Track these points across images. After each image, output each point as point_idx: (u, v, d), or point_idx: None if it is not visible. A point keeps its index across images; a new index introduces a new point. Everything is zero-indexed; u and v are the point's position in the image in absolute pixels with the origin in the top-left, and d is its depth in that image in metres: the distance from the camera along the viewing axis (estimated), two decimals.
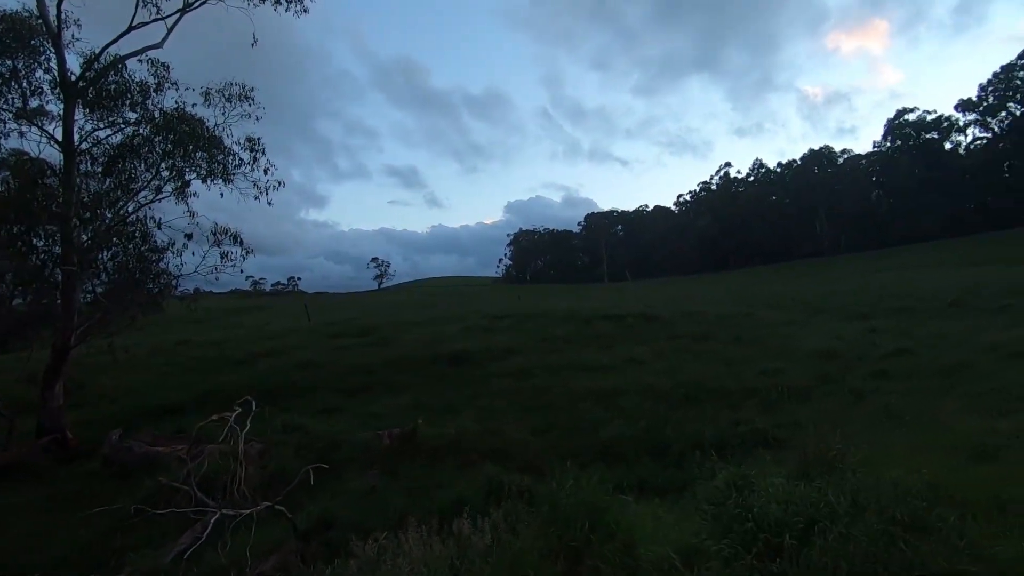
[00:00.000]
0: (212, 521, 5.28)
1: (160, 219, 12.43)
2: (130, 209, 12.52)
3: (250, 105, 12.88)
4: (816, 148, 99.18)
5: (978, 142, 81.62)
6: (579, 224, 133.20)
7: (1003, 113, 77.79)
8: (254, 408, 6.83)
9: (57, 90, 12.03)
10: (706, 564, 3.23)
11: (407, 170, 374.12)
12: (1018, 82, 75.84)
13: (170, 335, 23.46)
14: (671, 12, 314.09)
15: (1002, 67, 77.88)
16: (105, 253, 12.53)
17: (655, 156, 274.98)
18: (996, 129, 78.97)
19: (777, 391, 10.30)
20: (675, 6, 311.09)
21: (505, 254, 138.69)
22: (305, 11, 14.02)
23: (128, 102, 12.38)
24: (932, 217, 78.17)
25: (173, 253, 12.49)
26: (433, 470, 7.81)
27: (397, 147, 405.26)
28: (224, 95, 12.68)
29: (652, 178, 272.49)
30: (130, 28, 12.11)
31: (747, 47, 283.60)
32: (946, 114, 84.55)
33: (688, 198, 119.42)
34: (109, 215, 12.37)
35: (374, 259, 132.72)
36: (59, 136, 11.80)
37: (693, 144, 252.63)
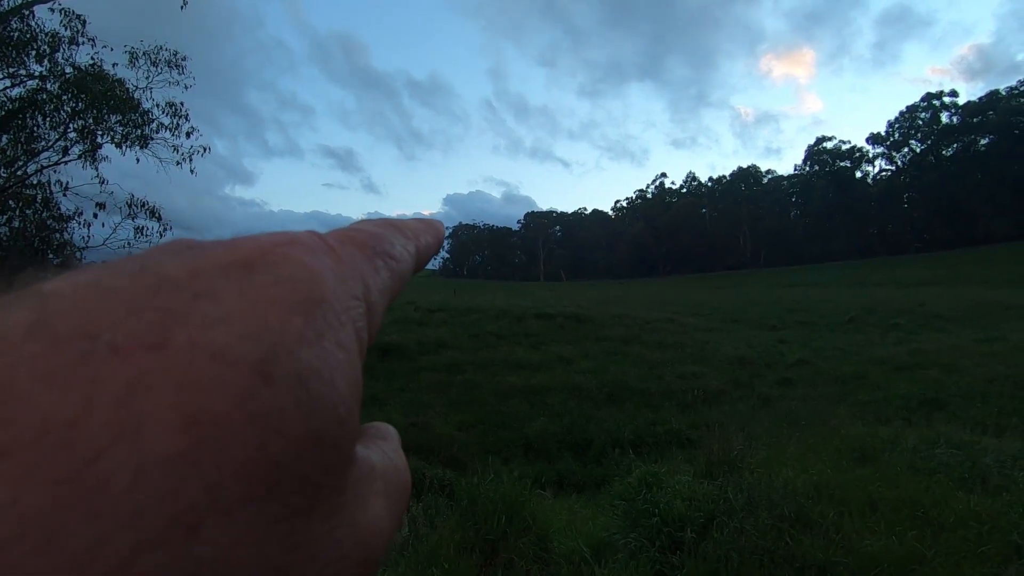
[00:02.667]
0: None
1: (67, 184, 11.40)
2: (30, 170, 11.40)
3: (179, 73, 12.05)
4: (744, 166, 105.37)
5: (883, 173, 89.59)
6: (519, 222, 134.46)
7: (905, 149, 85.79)
8: None
9: None
10: (614, 557, 3.40)
11: (343, 152, 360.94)
12: (919, 122, 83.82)
13: None
14: (619, 17, 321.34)
15: (907, 107, 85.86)
16: None
17: (595, 159, 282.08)
18: (899, 163, 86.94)
19: (693, 394, 10.92)
20: (623, 12, 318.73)
21: (443, 247, 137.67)
22: None
23: (34, 53, 11.25)
24: (841, 239, 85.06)
25: (80, 224, 11.50)
26: None
27: (334, 127, 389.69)
28: (151, 59, 11.79)
29: (590, 181, 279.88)
30: None
31: (688, 61, 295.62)
32: (858, 145, 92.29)
33: (625, 204, 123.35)
34: (4, 174, 11.20)
35: None
36: None
37: (631, 151, 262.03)
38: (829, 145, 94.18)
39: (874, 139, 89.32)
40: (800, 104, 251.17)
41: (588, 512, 4.85)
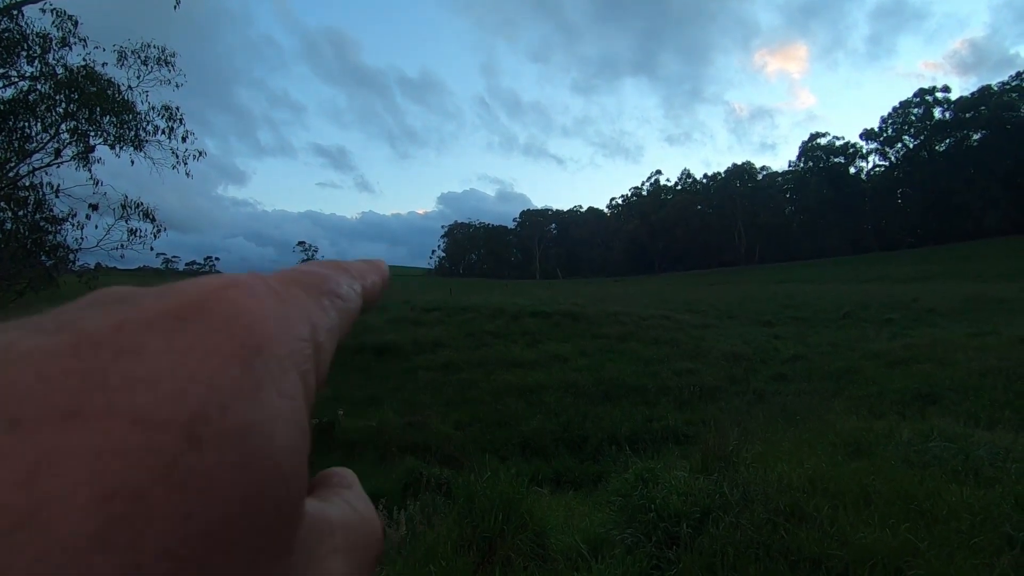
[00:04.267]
0: None
1: (59, 186, 11.32)
2: (22, 172, 11.31)
3: (169, 71, 11.99)
4: (739, 163, 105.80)
5: (877, 169, 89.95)
6: (514, 220, 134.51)
7: (899, 144, 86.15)
8: None
9: None
10: (611, 552, 3.42)
11: (336, 151, 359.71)
12: (912, 118, 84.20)
13: None
14: (612, 12, 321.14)
15: (900, 103, 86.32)
16: None
17: (589, 156, 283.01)
18: (893, 159, 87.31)
19: (689, 390, 10.97)
20: (616, 6, 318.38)
21: (439, 246, 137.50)
22: None
23: (25, 54, 11.16)
24: (835, 235, 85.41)
25: (73, 225, 11.42)
26: (352, 462, 7.67)
27: (326, 125, 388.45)
28: (140, 57, 11.72)
29: (585, 178, 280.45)
30: None
31: (682, 56, 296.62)
32: (852, 141, 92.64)
33: (620, 201, 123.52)
34: None
35: (300, 243, 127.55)
36: None
37: (626, 147, 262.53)
38: (823, 141, 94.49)
39: (868, 135, 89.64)
40: (794, 99, 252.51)
41: (585, 508, 4.87)
